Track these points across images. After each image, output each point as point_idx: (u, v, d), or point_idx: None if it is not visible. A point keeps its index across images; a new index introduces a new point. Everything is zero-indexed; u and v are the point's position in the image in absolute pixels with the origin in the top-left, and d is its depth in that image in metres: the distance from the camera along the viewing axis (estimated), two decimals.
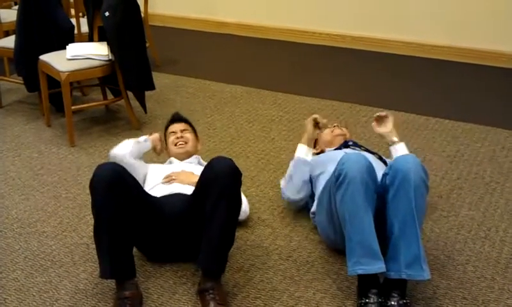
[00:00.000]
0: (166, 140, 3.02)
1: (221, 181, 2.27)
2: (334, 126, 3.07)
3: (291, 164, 2.85)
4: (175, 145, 2.91)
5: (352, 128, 3.26)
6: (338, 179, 2.31)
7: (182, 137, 2.92)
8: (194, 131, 3.04)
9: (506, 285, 2.44)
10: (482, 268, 2.54)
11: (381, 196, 2.34)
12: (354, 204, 2.26)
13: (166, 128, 3.04)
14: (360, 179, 2.26)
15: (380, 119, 2.85)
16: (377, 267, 2.23)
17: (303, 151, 2.83)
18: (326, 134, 3.01)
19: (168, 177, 2.70)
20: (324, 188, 2.58)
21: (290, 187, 2.82)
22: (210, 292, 2.27)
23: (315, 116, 2.83)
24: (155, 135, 2.96)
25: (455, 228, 2.82)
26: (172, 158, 2.93)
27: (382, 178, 2.37)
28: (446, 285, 2.44)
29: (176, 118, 3.05)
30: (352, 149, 2.85)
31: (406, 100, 4.29)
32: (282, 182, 2.92)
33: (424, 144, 3.62)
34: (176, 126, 2.99)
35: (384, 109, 4.06)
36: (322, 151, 3.00)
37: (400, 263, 2.23)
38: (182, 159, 2.90)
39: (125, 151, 2.77)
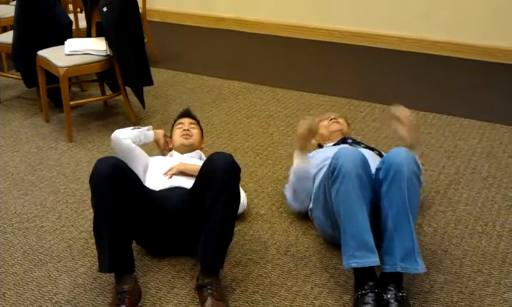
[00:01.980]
0: (171, 133, 3.02)
1: (220, 176, 2.28)
2: (331, 120, 3.02)
3: (292, 175, 2.75)
4: (181, 136, 2.92)
5: (350, 123, 3.24)
6: (333, 173, 2.32)
7: (188, 130, 2.94)
8: (201, 130, 3.06)
9: (503, 279, 2.46)
10: (479, 262, 2.56)
11: (375, 190, 2.35)
12: (348, 198, 2.27)
13: (175, 121, 3.06)
14: (355, 173, 2.27)
15: (400, 120, 2.62)
16: (372, 260, 2.24)
17: (301, 161, 2.69)
18: (323, 128, 2.99)
19: (169, 172, 2.71)
20: (319, 183, 2.59)
21: (297, 201, 2.78)
22: (208, 288, 2.28)
23: (310, 126, 2.61)
24: (160, 130, 3.02)
25: (452, 222, 2.83)
26: (173, 151, 2.94)
27: (375, 173, 2.38)
28: (443, 279, 2.46)
29: (187, 114, 3.08)
30: (350, 145, 2.85)
31: (404, 95, 4.30)
32: (286, 192, 2.85)
33: (422, 139, 3.63)
34: (185, 120, 3.02)
35: (383, 104, 4.09)
36: (320, 145, 3.00)
37: (396, 256, 2.24)
38: (184, 152, 2.91)
39: (127, 134, 2.86)
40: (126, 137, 2.85)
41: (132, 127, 2.94)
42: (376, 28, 5.35)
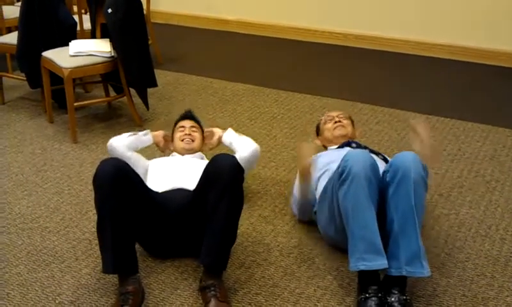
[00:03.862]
0: (173, 134, 3.00)
1: (224, 177, 2.29)
2: (336, 123, 2.95)
3: (295, 195, 2.77)
4: (182, 140, 2.90)
5: (354, 123, 3.18)
6: (341, 175, 2.31)
7: (190, 134, 2.91)
8: (202, 132, 3.04)
9: (506, 283, 2.46)
10: (482, 266, 2.56)
11: (381, 193, 2.35)
12: (357, 200, 2.27)
13: (176, 123, 3.03)
14: (364, 175, 2.27)
15: (415, 132, 2.59)
16: (380, 263, 2.24)
17: (304, 191, 2.70)
18: (327, 130, 2.96)
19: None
20: (325, 186, 2.58)
21: (302, 216, 2.81)
22: (211, 289, 2.29)
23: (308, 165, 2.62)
24: (159, 132, 2.99)
25: (455, 226, 2.83)
26: (174, 153, 2.94)
27: (382, 176, 2.38)
28: (446, 282, 2.46)
29: (188, 116, 3.05)
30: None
31: (407, 98, 4.30)
32: (292, 204, 2.86)
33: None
34: (186, 123, 2.98)
35: (385, 107, 4.09)
36: (325, 147, 2.99)
37: (401, 260, 2.24)
38: (184, 154, 2.90)
39: (121, 142, 2.86)
40: (122, 145, 2.84)
41: (128, 134, 2.92)
42: (379, 31, 5.36)
